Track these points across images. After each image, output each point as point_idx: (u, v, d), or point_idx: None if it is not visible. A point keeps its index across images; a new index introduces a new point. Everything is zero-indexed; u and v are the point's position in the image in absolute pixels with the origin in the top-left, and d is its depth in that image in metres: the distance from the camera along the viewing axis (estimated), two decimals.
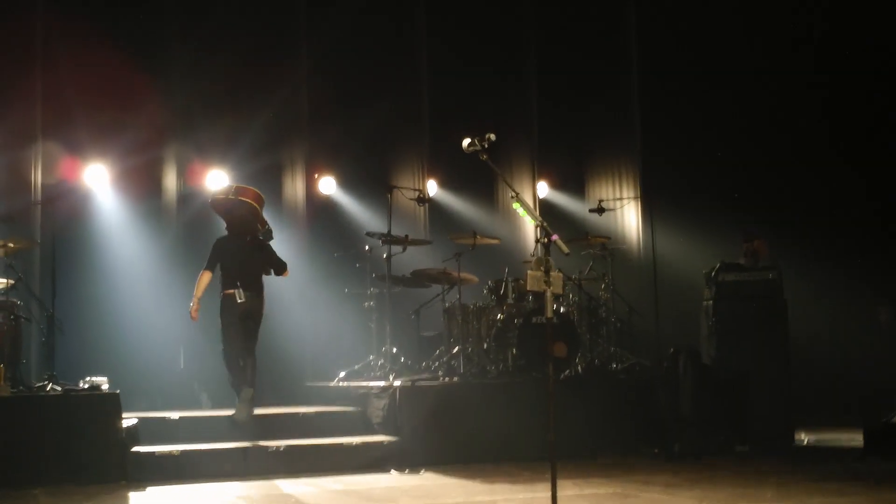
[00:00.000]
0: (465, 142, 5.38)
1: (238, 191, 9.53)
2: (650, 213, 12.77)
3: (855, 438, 10.02)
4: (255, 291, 9.43)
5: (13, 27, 11.59)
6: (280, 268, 9.69)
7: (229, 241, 9.54)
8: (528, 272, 4.95)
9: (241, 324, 9.34)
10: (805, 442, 10.59)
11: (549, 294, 4.91)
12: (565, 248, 5.04)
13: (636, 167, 13.91)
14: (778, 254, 11.22)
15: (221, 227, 10.18)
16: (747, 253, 10.95)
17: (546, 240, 4.96)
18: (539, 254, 4.95)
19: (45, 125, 11.75)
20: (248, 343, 9.43)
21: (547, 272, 4.85)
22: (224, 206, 9.58)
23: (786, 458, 9.49)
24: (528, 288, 5.00)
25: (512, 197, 5.15)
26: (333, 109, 13.12)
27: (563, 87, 14.21)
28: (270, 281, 10.76)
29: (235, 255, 9.43)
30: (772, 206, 13.26)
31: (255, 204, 9.47)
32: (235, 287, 9.30)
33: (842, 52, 13.20)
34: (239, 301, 9.27)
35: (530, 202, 13.58)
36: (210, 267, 9.44)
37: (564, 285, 10.36)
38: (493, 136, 5.34)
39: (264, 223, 9.55)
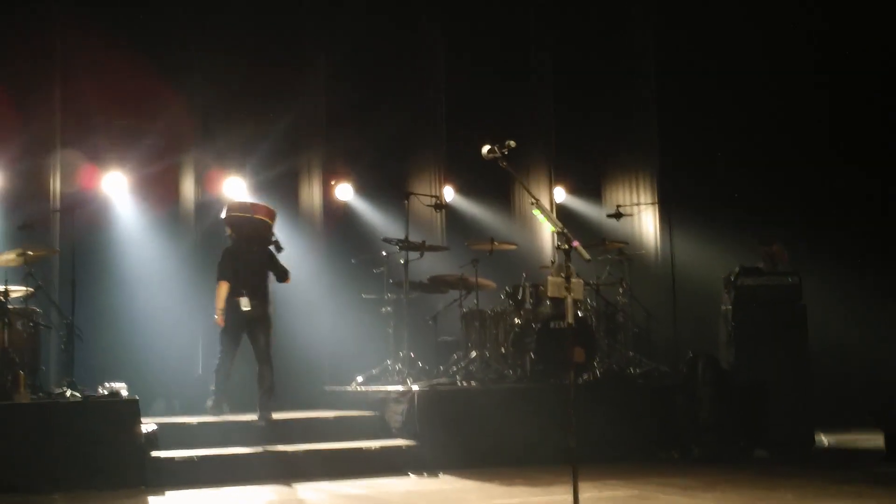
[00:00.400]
0: (485, 149, 5.39)
1: (253, 208, 9.84)
2: (668, 217, 12.75)
3: (875, 441, 9.98)
4: (261, 299, 9.70)
5: (31, 37, 11.66)
6: (282, 275, 9.95)
7: (237, 251, 9.80)
8: (549, 278, 4.95)
9: (247, 330, 9.67)
10: (825, 444, 10.55)
11: (569, 300, 4.91)
12: (586, 255, 5.04)
13: (653, 171, 13.86)
14: (798, 258, 11.19)
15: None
16: (765, 257, 10.92)
17: (567, 246, 4.96)
18: (560, 260, 4.96)
19: (63, 134, 11.80)
20: (260, 349, 9.70)
21: (568, 278, 4.85)
22: (238, 221, 9.80)
23: (805, 463, 9.48)
24: (549, 294, 5.02)
25: (532, 203, 5.15)
26: (351, 116, 13.16)
27: (581, 92, 14.18)
28: (288, 287, 10.84)
29: (244, 264, 9.70)
30: (791, 209, 13.22)
31: (268, 220, 9.79)
32: (242, 294, 9.58)
33: (876, 53, 13.13)
34: (244, 308, 9.56)
35: (547, 208, 13.55)
36: (225, 277, 9.67)
37: (584, 291, 10.36)
38: (512, 143, 5.35)
39: (273, 235, 9.81)
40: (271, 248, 9.81)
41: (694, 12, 13.63)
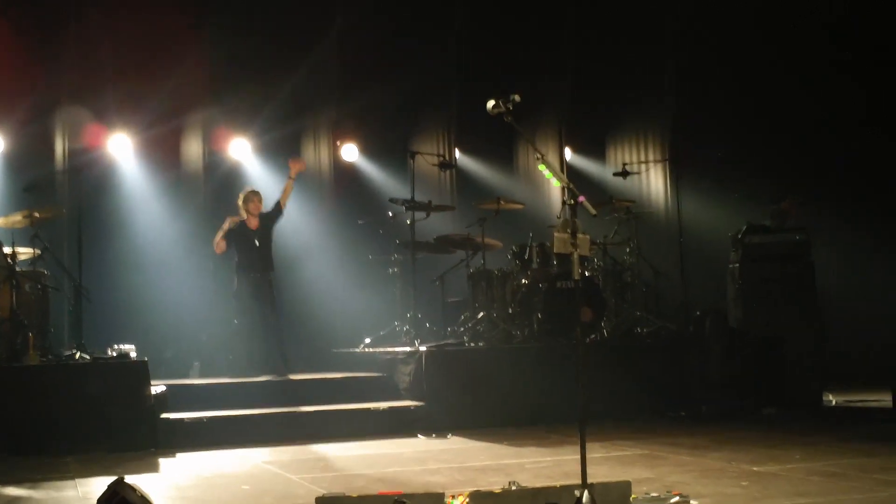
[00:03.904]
0: (490, 103, 5.32)
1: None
2: (676, 176, 12.67)
3: (884, 399, 9.98)
4: (262, 272, 10.47)
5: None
6: (276, 212, 10.73)
7: (241, 227, 10.49)
8: (555, 234, 4.89)
9: (252, 301, 10.42)
10: (833, 403, 10.55)
11: (576, 256, 4.87)
12: (593, 210, 4.98)
13: (664, 130, 13.75)
14: (809, 215, 11.12)
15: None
16: (774, 214, 10.86)
17: (573, 201, 4.91)
18: (566, 216, 4.91)
19: (70, 95, 11.77)
20: (267, 318, 10.40)
21: (574, 234, 4.81)
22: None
23: (814, 420, 9.48)
24: (555, 250, 4.96)
25: (537, 158, 5.09)
26: (361, 77, 13.06)
27: (593, 53, 14.02)
28: (295, 248, 10.92)
29: (245, 241, 10.47)
30: (801, 167, 13.13)
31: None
32: (245, 269, 10.42)
33: (877, 17, 12.99)
34: (248, 282, 10.40)
35: (553, 163, 13.44)
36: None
37: (591, 248, 10.32)
38: (517, 98, 5.27)
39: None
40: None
41: None
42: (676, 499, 5.28)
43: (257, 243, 10.45)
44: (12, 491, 6.54)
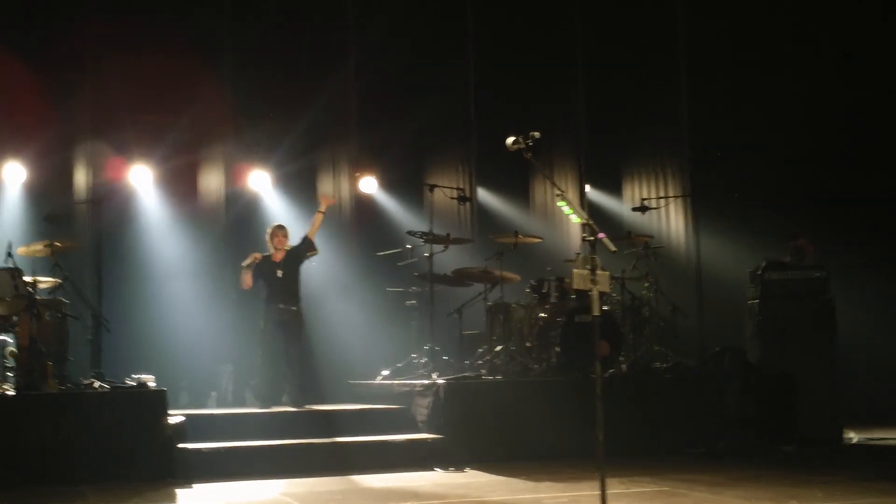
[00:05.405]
0: (510, 140, 5.37)
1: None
2: (695, 211, 12.67)
3: None
4: (286, 304, 10.42)
5: (64, 32, 11.72)
6: (304, 245, 10.64)
7: (266, 261, 10.48)
8: (575, 270, 4.92)
9: (281, 332, 10.41)
10: (854, 440, 10.47)
11: (595, 293, 4.88)
12: (612, 247, 5.01)
13: (682, 165, 13.77)
14: (825, 252, 11.09)
15: (264, 227, 10.67)
16: (792, 251, 10.84)
17: (592, 238, 4.93)
18: (585, 252, 4.92)
19: (92, 128, 11.87)
20: (291, 351, 10.42)
21: (593, 270, 4.83)
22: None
23: (834, 458, 9.40)
24: (574, 286, 4.97)
25: (557, 195, 5.13)
26: (379, 110, 13.12)
27: (611, 86, 14.07)
28: (313, 279, 10.92)
29: (270, 274, 10.44)
30: (820, 204, 13.13)
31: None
32: (269, 301, 10.38)
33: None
34: (275, 315, 10.37)
35: (572, 200, 13.44)
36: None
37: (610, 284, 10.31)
38: (536, 134, 5.32)
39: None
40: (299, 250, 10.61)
41: (726, 3, 13.54)
42: None
43: (280, 274, 10.45)
44: None
